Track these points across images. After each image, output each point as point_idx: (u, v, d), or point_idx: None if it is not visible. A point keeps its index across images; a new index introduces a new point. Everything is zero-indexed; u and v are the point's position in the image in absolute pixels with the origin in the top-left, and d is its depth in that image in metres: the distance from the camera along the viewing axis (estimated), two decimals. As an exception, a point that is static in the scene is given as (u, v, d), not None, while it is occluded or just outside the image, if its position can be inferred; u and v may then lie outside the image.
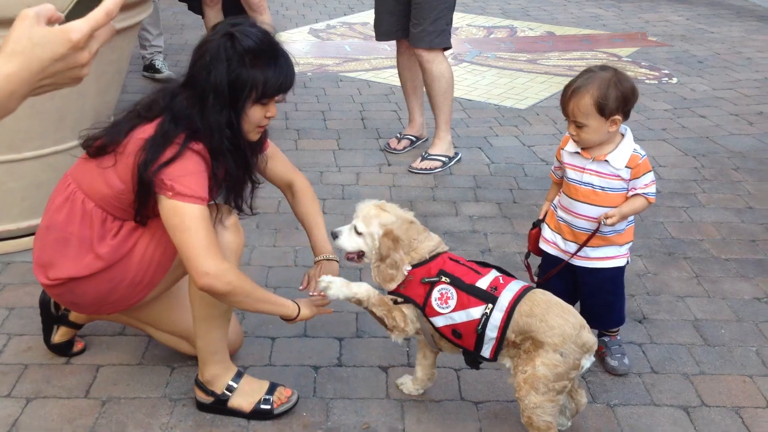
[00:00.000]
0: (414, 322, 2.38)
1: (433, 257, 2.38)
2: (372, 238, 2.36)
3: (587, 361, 2.27)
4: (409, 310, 2.37)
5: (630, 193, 2.58)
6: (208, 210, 2.23)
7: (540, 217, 2.83)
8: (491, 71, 6.55)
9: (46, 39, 1.08)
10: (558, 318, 2.22)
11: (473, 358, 2.37)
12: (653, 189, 2.58)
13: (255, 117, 2.30)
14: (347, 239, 2.42)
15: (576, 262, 2.68)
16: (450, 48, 4.48)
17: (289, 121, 5.20)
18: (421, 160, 4.53)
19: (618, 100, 2.48)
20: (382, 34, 4.66)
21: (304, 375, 2.73)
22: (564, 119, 2.61)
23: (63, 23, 1.11)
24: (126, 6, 3.30)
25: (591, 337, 2.27)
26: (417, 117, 4.84)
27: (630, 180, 2.57)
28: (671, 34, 7.82)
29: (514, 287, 2.30)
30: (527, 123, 5.32)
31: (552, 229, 2.75)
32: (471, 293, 2.29)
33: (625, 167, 2.55)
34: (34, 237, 2.49)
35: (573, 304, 2.49)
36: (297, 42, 7.33)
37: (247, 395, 2.51)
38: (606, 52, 7.16)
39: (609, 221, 2.54)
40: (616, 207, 2.56)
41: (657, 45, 7.39)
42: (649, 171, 2.58)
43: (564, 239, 2.70)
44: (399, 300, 2.37)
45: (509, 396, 2.61)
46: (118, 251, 2.33)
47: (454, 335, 2.32)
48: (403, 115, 5.22)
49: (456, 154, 4.64)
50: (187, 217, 2.16)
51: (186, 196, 2.16)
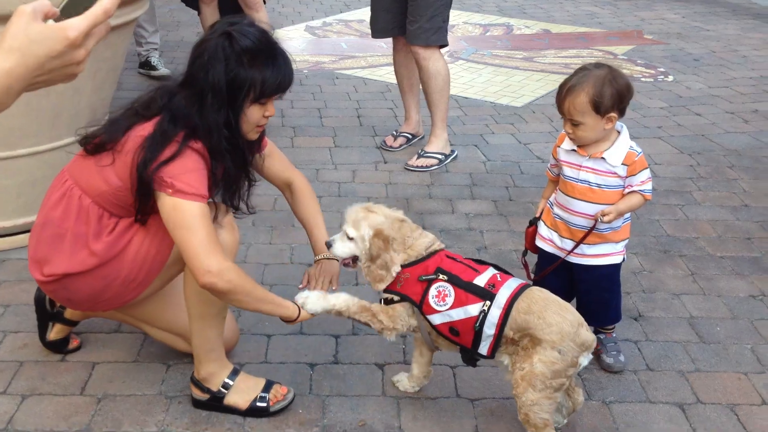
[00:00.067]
0: (405, 319, 2.37)
1: (430, 255, 2.38)
2: (363, 240, 2.36)
3: (585, 359, 2.27)
4: (403, 308, 2.37)
5: (626, 191, 2.59)
6: (208, 207, 2.22)
7: (536, 215, 2.83)
8: (487, 69, 6.55)
9: (43, 36, 1.08)
10: (556, 315, 2.23)
11: (470, 355, 2.37)
12: (649, 186, 2.59)
13: (254, 116, 2.30)
14: (340, 246, 2.42)
15: (572, 259, 2.69)
16: (446, 45, 4.48)
17: (285, 119, 5.20)
18: (418, 157, 4.53)
19: (613, 97, 2.49)
20: (378, 31, 4.65)
21: (300, 372, 2.73)
22: (560, 117, 2.61)
23: (59, 18, 1.11)
24: (122, 3, 3.28)
25: (589, 335, 2.28)
26: (413, 114, 4.84)
27: (626, 177, 2.57)
28: (667, 32, 7.82)
29: (511, 284, 2.30)
30: (523, 121, 5.32)
31: (548, 227, 2.75)
32: (469, 290, 2.29)
33: (622, 164, 2.55)
34: (29, 233, 2.48)
35: (569, 301, 2.49)
36: (293, 39, 7.32)
37: (243, 393, 2.50)
38: (602, 50, 7.16)
39: (606, 218, 2.54)
40: (612, 204, 2.57)
41: (653, 43, 7.40)
42: (646, 168, 2.58)
43: (560, 236, 2.70)
44: (395, 299, 2.37)
45: (505, 393, 2.61)
46: (112, 249, 2.32)
47: (451, 333, 2.32)
48: (400, 113, 5.22)
49: (452, 151, 4.64)
50: (188, 215, 2.15)
51: (187, 193, 2.16)
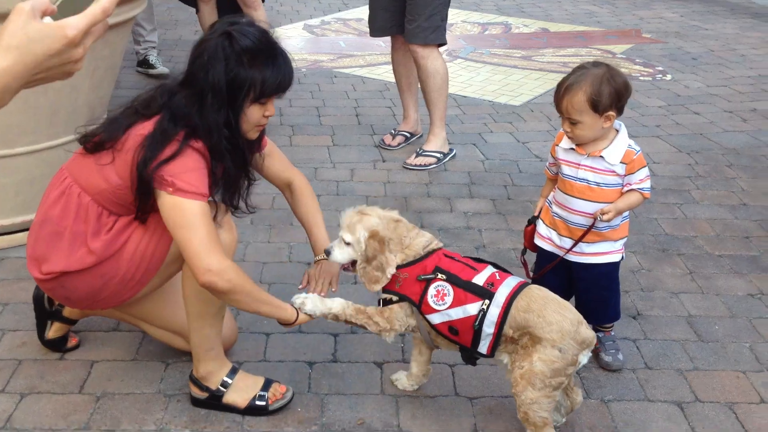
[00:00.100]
0: (402, 319, 2.37)
1: (428, 254, 2.38)
2: (359, 243, 2.37)
3: (584, 357, 2.28)
4: (400, 308, 2.37)
5: (625, 189, 2.59)
6: (208, 206, 2.22)
7: (535, 214, 2.83)
8: (486, 68, 6.55)
9: (42, 34, 1.08)
10: (556, 314, 2.23)
11: (470, 354, 2.37)
12: (648, 184, 2.59)
13: (254, 116, 2.30)
14: (338, 252, 2.42)
15: (571, 257, 2.69)
16: (445, 44, 4.48)
17: (284, 117, 5.19)
18: (416, 156, 4.53)
19: (611, 96, 2.49)
20: (376, 30, 4.65)
21: (298, 371, 2.73)
22: (558, 116, 2.61)
23: (56, 16, 1.10)
24: (120, 1, 3.28)
25: (589, 333, 2.28)
26: (411, 113, 4.84)
27: (625, 175, 2.57)
28: (665, 31, 7.83)
29: (510, 283, 2.30)
30: (522, 119, 5.32)
31: (547, 225, 2.75)
32: (467, 290, 2.29)
33: (620, 163, 2.55)
34: (28, 232, 2.48)
35: (568, 299, 2.50)
36: (291, 38, 7.31)
37: (242, 391, 2.50)
38: (600, 48, 7.16)
39: (605, 217, 2.54)
40: (611, 202, 2.57)
41: (651, 42, 7.40)
42: (644, 166, 2.58)
43: (559, 235, 2.70)
44: (394, 299, 2.37)
45: (504, 392, 2.61)
46: (110, 247, 2.32)
47: (450, 332, 2.32)
48: (398, 112, 5.21)
49: (450, 150, 4.64)
50: (189, 213, 2.15)
51: (187, 192, 2.16)
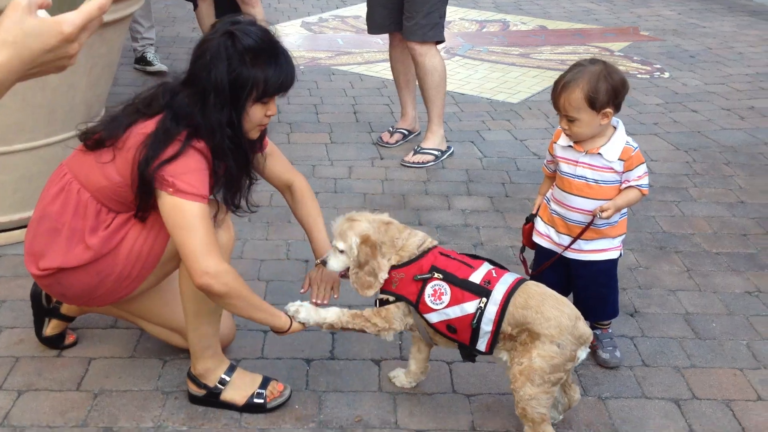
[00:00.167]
0: (400, 318, 2.38)
1: (424, 253, 2.37)
2: (351, 249, 2.37)
3: (582, 353, 2.28)
4: (397, 308, 2.37)
5: (623, 186, 2.59)
6: (208, 208, 2.22)
7: (533, 212, 2.83)
8: (484, 65, 6.55)
9: (38, 30, 1.08)
10: (554, 310, 2.23)
11: (469, 351, 2.37)
12: (646, 180, 2.59)
13: (256, 116, 2.30)
14: (334, 261, 2.42)
15: (569, 254, 2.69)
16: (443, 41, 4.48)
17: (282, 115, 5.19)
18: (414, 153, 4.53)
19: (608, 92, 2.49)
20: (374, 27, 4.65)
21: (296, 368, 2.73)
22: (556, 113, 2.61)
23: (52, 12, 1.11)
24: (118, -2, 3.28)
25: (586, 329, 2.28)
26: (409, 111, 4.83)
27: (623, 172, 2.57)
28: (663, 28, 7.83)
29: (507, 279, 2.30)
30: (519, 117, 5.32)
31: (545, 222, 2.75)
32: (464, 288, 2.29)
33: (618, 159, 2.55)
34: (26, 228, 2.48)
35: (566, 296, 2.49)
36: (289, 35, 7.30)
37: (240, 389, 2.50)
38: (598, 46, 7.16)
39: (604, 214, 2.54)
40: (609, 199, 2.57)
41: (649, 39, 7.40)
42: (642, 163, 2.58)
43: (557, 232, 2.70)
44: (390, 299, 2.37)
45: (501, 389, 2.62)
46: (107, 244, 2.32)
47: (449, 330, 2.32)
48: (396, 109, 5.21)
49: (448, 147, 4.64)
50: (188, 215, 2.15)
51: (188, 193, 2.16)
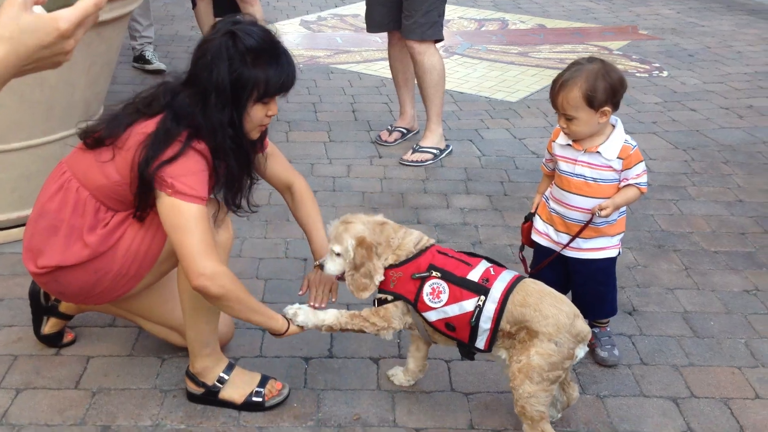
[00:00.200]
0: (399, 317, 2.38)
1: (421, 252, 2.38)
2: (347, 252, 2.37)
3: (581, 351, 2.28)
4: (395, 307, 2.37)
5: (622, 184, 2.59)
6: (206, 210, 2.22)
7: (532, 211, 2.83)
8: (482, 64, 6.55)
9: (34, 26, 1.08)
10: (552, 307, 2.23)
11: (468, 349, 2.37)
12: (645, 179, 2.59)
13: (257, 116, 2.30)
14: (331, 264, 2.43)
15: (568, 253, 2.69)
16: (442, 40, 4.47)
17: (280, 113, 5.17)
18: (412, 152, 4.53)
19: (606, 91, 2.49)
20: (373, 25, 4.64)
21: (294, 366, 2.73)
22: (554, 112, 2.61)
23: (48, 6, 1.11)
24: (116, -4, 3.28)
25: (585, 327, 2.28)
26: (408, 109, 4.83)
27: (622, 171, 2.57)
28: (662, 27, 7.83)
29: (505, 277, 2.30)
30: (518, 116, 5.32)
31: (544, 221, 2.75)
32: (463, 286, 2.29)
33: (617, 158, 2.55)
34: (24, 226, 2.48)
35: (564, 294, 2.49)
36: (288, 34, 7.30)
37: (239, 387, 2.50)
38: (597, 45, 7.16)
39: (603, 212, 2.54)
40: (608, 198, 2.57)
41: (648, 38, 7.40)
42: (641, 161, 2.58)
43: (556, 230, 2.70)
44: (389, 298, 2.37)
45: (500, 387, 2.62)
46: (105, 242, 2.32)
47: (447, 328, 2.32)
48: (395, 108, 5.21)
49: (447, 146, 4.64)
50: (186, 216, 2.16)
51: (186, 195, 2.16)
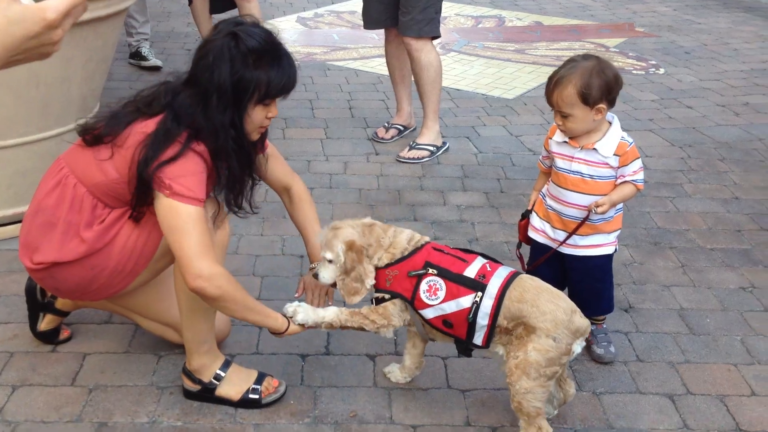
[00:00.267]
0: (399, 314, 2.37)
1: (417, 249, 2.37)
2: (339, 257, 2.36)
3: (578, 346, 2.28)
4: (394, 305, 2.37)
5: (619, 181, 2.59)
6: (204, 211, 2.21)
7: (529, 208, 2.83)
8: (479, 61, 6.55)
9: (21, 16, 1.08)
10: (549, 303, 2.23)
11: (465, 346, 2.37)
12: (641, 176, 2.59)
13: (257, 117, 2.30)
14: (324, 272, 2.42)
15: (565, 250, 2.69)
16: (439, 37, 4.47)
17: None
18: (409, 149, 4.52)
19: (601, 88, 2.49)
20: (370, 22, 4.64)
21: (291, 363, 2.73)
22: (551, 109, 2.61)
23: None
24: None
25: (583, 322, 2.28)
26: (405, 106, 4.83)
27: (618, 167, 2.57)
28: (658, 24, 7.83)
29: (502, 273, 2.30)
30: (515, 113, 5.32)
31: (541, 218, 2.75)
32: (460, 283, 2.29)
33: (614, 155, 2.56)
34: (21, 222, 2.47)
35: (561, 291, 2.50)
36: (284, 30, 7.29)
37: (235, 384, 2.50)
38: (594, 42, 7.16)
39: (599, 209, 2.55)
40: (604, 195, 2.57)
41: (644, 36, 7.40)
42: (637, 158, 2.59)
43: (553, 227, 2.71)
44: (386, 297, 2.37)
45: (496, 384, 2.62)
46: (101, 239, 2.32)
47: (445, 325, 2.32)
48: (391, 105, 5.21)
49: (444, 143, 4.64)
50: (184, 217, 2.15)
51: (184, 196, 2.15)
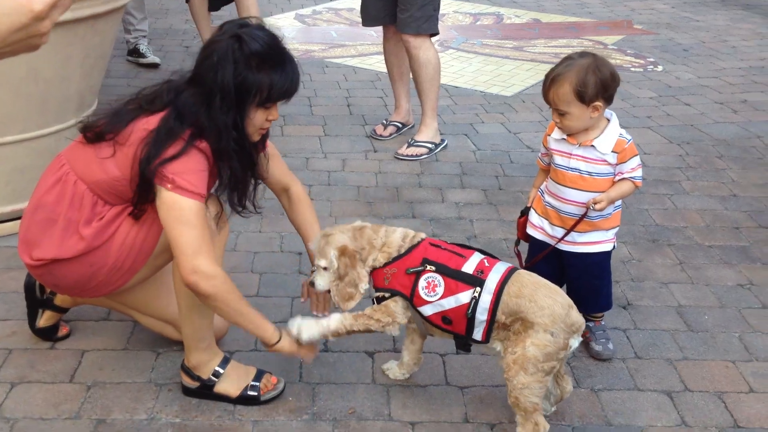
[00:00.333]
0: (402, 311, 2.37)
1: (413, 246, 2.38)
2: (332, 263, 2.37)
3: (575, 341, 2.28)
4: (395, 303, 2.37)
5: (617, 178, 2.59)
6: (205, 208, 2.22)
7: (528, 205, 2.83)
8: (477, 58, 6.55)
9: (8, 9, 1.08)
10: (547, 298, 2.24)
11: (464, 341, 2.38)
12: (640, 173, 2.59)
13: (258, 120, 2.30)
14: (320, 280, 2.43)
15: (563, 247, 2.69)
16: (437, 34, 4.47)
17: (275, 107, 5.17)
18: (408, 146, 4.52)
19: (597, 86, 2.49)
20: (368, 19, 4.64)
21: (289, 360, 2.72)
22: (549, 107, 2.61)
23: None
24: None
25: (579, 317, 2.29)
26: (403, 103, 4.83)
27: (617, 164, 2.57)
28: (657, 22, 7.84)
29: (500, 268, 2.31)
30: (513, 110, 5.32)
31: (539, 214, 2.76)
32: (458, 278, 2.29)
33: (612, 152, 2.56)
34: (20, 219, 2.47)
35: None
36: (283, 27, 7.28)
37: (234, 381, 2.50)
38: (592, 39, 7.17)
39: (598, 206, 2.55)
40: (602, 191, 2.58)
41: (643, 33, 7.41)
42: (636, 155, 2.59)
43: (551, 224, 2.71)
44: (386, 296, 2.37)
45: (495, 381, 2.62)
46: (100, 235, 2.32)
47: (444, 322, 2.32)
48: (390, 102, 5.21)
49: (442, 140, 4.64)
50: (185, 212, 2.15)
51: (186, 190, 2.16)
